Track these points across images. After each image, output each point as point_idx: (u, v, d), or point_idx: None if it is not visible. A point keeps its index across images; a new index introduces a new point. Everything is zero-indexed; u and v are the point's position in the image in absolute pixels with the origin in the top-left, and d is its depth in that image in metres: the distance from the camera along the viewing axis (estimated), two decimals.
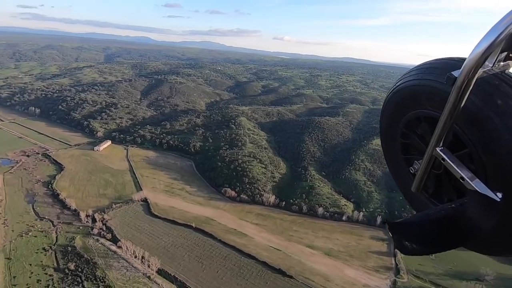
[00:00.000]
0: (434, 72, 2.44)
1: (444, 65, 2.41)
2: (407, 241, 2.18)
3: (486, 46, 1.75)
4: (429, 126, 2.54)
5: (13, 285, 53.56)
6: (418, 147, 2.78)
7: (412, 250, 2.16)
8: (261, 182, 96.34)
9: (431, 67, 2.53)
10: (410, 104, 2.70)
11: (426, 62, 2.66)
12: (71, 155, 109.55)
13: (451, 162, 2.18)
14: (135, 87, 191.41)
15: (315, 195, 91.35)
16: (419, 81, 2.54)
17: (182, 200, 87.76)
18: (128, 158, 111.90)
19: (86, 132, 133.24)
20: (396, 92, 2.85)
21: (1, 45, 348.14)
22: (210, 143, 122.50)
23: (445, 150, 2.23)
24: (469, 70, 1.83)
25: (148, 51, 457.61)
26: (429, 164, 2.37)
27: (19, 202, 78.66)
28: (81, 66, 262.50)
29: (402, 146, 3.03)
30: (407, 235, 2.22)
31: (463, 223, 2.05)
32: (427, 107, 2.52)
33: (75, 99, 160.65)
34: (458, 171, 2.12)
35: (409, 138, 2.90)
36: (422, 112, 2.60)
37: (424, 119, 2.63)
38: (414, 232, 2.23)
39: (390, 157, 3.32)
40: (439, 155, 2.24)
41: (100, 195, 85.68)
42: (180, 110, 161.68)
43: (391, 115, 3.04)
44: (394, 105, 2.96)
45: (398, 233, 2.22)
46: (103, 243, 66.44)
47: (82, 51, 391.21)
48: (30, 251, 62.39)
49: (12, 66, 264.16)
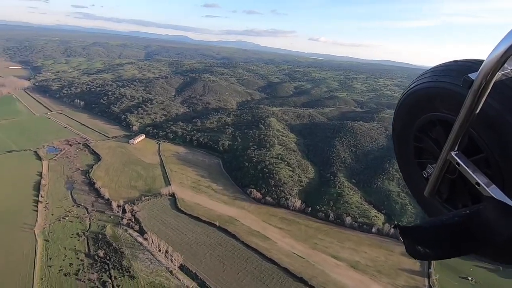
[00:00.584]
0: (450, 74, 2.40)
1: (460, 67, 2.38)
2: (420, 245, 2.14)
3: (505, 48, 1.69)
4: (444, 129, 2.49)
5: (48, 266, 57.22)
6: (432, 151, 2.71)
7: (424, 254, 2.12)
8: (288, 185, 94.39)
9: (447, 69, 2.48)
10: (424, 107, 2.65)
11: (441, 64, 2.59)
12: (108, 147, 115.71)
13: (467, 167, 2.13)
14: (170, 84, 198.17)
15: (343, 203, 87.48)
16: (434, 83, 2.50)
17: (208, 198, 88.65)
18: (159, 152, 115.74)
19: (123, 126, 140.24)
20: (410, 95, 2.78)
21: (55, 41, 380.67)
22: (238, 142, 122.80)
23: (460, 154, 2.20)
24: (487, 73, 1.79)
25: (185, 50, 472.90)
26: (443, 169, 2.35)
27: (60, 188, 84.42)
28: (123, 63, 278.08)
29: (416, 150, 2.95)
30: (419, 239, 2.18)
31: (477, 230, 1.98)
32: (442, 110, 2.48)
33: (115, 93, 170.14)
34: (474, 177, 2.07)
35: (422, 141, 2.83)
36: (436, 115, 2.55)
37: (439, 122, 2.56)
38: (427, 236, 2.19)
39: (403, 161, 3.22)
40: (453, 160, 2.21)
41: (131, 187, 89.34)
42: (211, 108, 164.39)
43: (405, 117, 2.96)
44: (408, 108, 2.88)
45: (410, 238, 2.20)
46: (131, 233, 68.95)
47: (125, 49, 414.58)
48: (66, 235, 66.50)
49: (63, 61, 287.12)
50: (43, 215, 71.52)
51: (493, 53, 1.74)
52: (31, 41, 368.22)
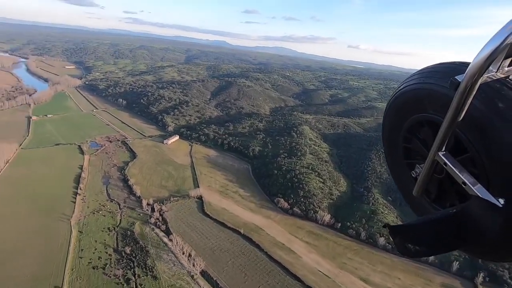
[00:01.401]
0: (437, 76, 2.47)
1: (446, 69, 2.45)
2: (410, 243, 2.23)
3: (490, 51, 1.74)
4: (431, 130, 2.57)
5: (79, 257, 59.84)
6: (420, 152, 2.78)
7: (415, 252, 2.22)
8: (317, 197, 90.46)
9: (434, 71, 2.56)
10: (413, 108, 2.73)
11: (428, 66, 2.68)
12: (144, 145, 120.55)
13: (453, 166, 2.20)
14: (206, 87, 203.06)
15: (377, 221, 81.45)
16: (422, 85, 2.58)
17: (234, 203, 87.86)
18: (191, 154, 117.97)
19: (159, 126, 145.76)
20: (399, 97, 2.87)
21: (106, 44, 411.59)
22: (269, 149, 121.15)
23: (447, 154, 2.26)
24: (473, 75, 1.84)
25: (223, 54, 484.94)
26: (430, 169, 2.41)
27: (97, 182, 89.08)
28: (164, 65, 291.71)
29: (404, 151, 3.03)
30: (409, 237, 2.27)
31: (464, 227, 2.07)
32: (430, 111, 2.55)
33: (155, 94, 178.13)
34: (460, 176, 2.14)
35: (411, 142, 2.91)
36: (424, 116, 2.63)
37: (427, 123, 2.64)
38: (416, 234, 2.28)
39: (393, 162, 3.29)
40: (441, 160, 2.27)
41: (161, 186, 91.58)
42: (244, 113, 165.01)
43: (394, 119, 3.04)
44: (396, 110, 2.97)
45: (400, 236, 2.28)
46: (157, 233, 70.11)
47: (167, 52, 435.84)
48: (98, 228, 69.45)
49: (111, 62, 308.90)
50: (80, 207, 75.58)
51: (479, 55, 1.79)
52: (86, 44, 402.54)
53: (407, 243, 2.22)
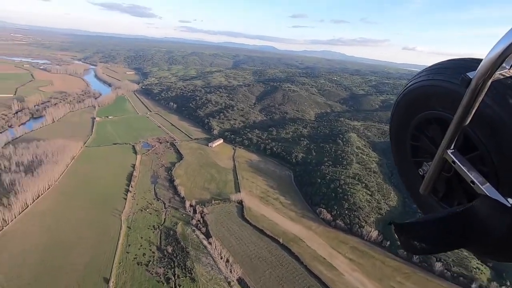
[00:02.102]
0: (447, 72, 2.43)
1: (457, 66, 2.42)
2: (415, 240, 2.23)
3: (503, 48, 1.70)
4: (440, 128, 2.54)
5: (127, 252, 63.48)
6: (428, 149, 2.76)
7: (420, 249, 2.22)
8: (363, 210, 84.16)
9: (444, 67, 2.53)
10: (421, 105, 2.70)
11: (438, 63, 2.66)
12: (190, 147, 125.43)
13: (462, 165, 2.17)
14: (252, 92, 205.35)
15: None
16: (431, 82, 2.54)
17: (274, 210, 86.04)
18: (234, 158, 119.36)
19: (205, 129, 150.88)
20: (407, 93, 2.85)
21: (162, 52, 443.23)
22: (312, 156, 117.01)
23: (456, 152, 2.24)
24: (485, 72, 1.81)
25: (270, 59, 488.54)
26: (438, 167, 2.40)
27: (146, 181, 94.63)
28: (213, 71, 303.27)
29: (412, 148, 3.02)
30: (415, 234, 2.26)
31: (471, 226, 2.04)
32: (439, 108, 2.52)
33: (203, 98, 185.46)
34: (469, 175, 2.11)
35: (419, 140, 2.90)
36: (433, 114, 2.60)
37: (435, 121, 2.62)
38: (422, 232, 2.27)
39: (400, 159, 3.28)
40: (449, 158, 2.25)
41: (204, 188, 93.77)
42: (288, 118, 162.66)
43: (402, 116, 3.01)
44: (404, 107, 2.95)
45: (406, 234, 2.28)
46: (198, 235, 71.44)
47: (216, 58, 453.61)
48: (144, 225, 73.24)
49: (166, 68, 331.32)
50: (130, 204, 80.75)
51: (492, 52, 1.76)
52: (145, 51, 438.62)
53: (412, 240, 2.21)
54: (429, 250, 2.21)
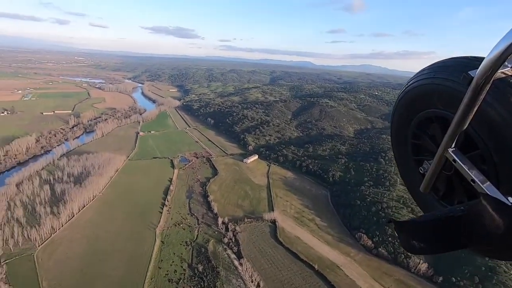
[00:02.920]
0: (448, 71, 2.43)
1: (459, 64, 2.40)
2: (415, 240, 2.21)
3: (505, 46, 1.70)
4: (441, 126, 2.54)
5: (159, 267, 63.78)
6: (429, 148, 2.76)
7: (420, 249, 2.21)
8: None
9: (445, 65, 2.51)
10: (422, 104, 2.70)
11: (440, 61, 2.63)
12: (225, 163, 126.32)
13: (463, 163, 2.17)
14: (288, 107, 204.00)
15: (497, 283, 62.30)
16: (432, 80, 2.53)
17: (309, 233, 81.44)
18: (268, 174, 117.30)
19: (241, 144, 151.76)
20: (408, 92, 2.84)
21: (203, 70, 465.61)
22: (351, 175, 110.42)
23: (456, 151, 2.24)
24: (487, 70, 1.80)
25: (307, 75, 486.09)
26: (439, 165, 2.40)
27: (182, 196, 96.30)
28: (250, 87, 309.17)
29: (413, 147, 3.02)
30: (414, 234, 2.24)
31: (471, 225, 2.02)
32: (440, 107, 2.52)
33: (239, 114, 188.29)
34: (469, 173, 2.12)
35: (420, 138, 2.89)
36: (434, 112, 2.60)
37: (436, 119, 2.61)
38: (421, 231, 2.25)
39: (401, 158, 3.29)
40: (450, 156, 2.25)
41: (237, 206, 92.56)
42: (326, 134, 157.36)
43: (403, 115, 3.02)
44: (405, 105, 2.94)
45: (405, 232, 2.27)
46: (229, 254, 69.66)
47: (253, 74, 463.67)
48: (177, 241, 73.56)
49: (205, 85, 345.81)
50: (165, 218, 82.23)
51: (494, 50, 1.75)
52: (187, 70, 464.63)
53: (412, 240, 2.20)
54: (428, 250, 2.21)
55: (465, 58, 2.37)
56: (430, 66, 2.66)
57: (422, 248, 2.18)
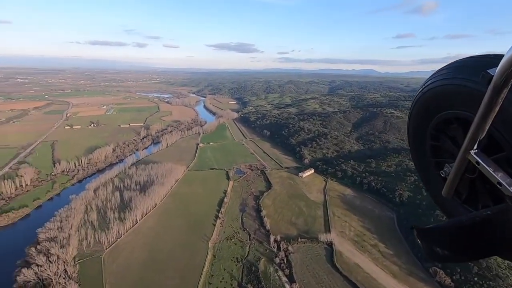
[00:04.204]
0: (467, 70, 2.35)
1: (478, 63, 2.33)
2: (439, 247, 2.13)
3: None
4: (462, 127, 2.46)
5: (209, 283, 63.28)
6: (450, 150, 2.69)
7: (444, 257, 2.12)
8: (504, 281, 61.19)
9: (464, 65, 2.44)
10: (441, 105, 2.62)
11: (458, 60, 2.56)
12: (280, 176, 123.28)
13: (487, 166, 2.08)
14: (348, 118, 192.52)
15: None
16: (451, 80, 2.46)
17: (371, 260, 72.33)
18: (325, 191, 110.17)
19: (296, 157, 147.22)
20: (426, 92, 2.75)
21: (261, 82, 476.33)
22: (422, 196, 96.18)
23: (479, 153, 2.15)
24: (507, 68, 1.74)
25: (369, 83, 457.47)
26: (461, 168, 2.33)
27: (235, 209, 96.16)
28: (307, 98, 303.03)
29: (432, 149, 2.95)
30: (438, 241, 2.17)
31: (500, 231, 1.93)
32: (459, 107, 2.44)
33: (295, 126, 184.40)
34: (495, 176, 2.01)
35: (439, 140, 2.83)
36: (454, 113, 2.51)
37: (456, 120, 2.53)
38: (446, 238, 2.17)
39: (419, 160, 3.21)
40: (473, 159, 2.17)
41: (291, 223, 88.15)
42: (391, 148, 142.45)
43: (420, 116, 2.94)
44: (423, 106, 2.85)
45: (428, 240, 2.20)
46: (280, 277, 65.61)
47: (311, 85, 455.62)
48: (229, 256, 72.59)
49: (263, 97, 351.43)
50: (218, 231, 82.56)
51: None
52: (246, 82, 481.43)
53: (436, 247, 2.11)
54: (454, 258, 2.10)
55: (485, 57, 2.29)
56: (448, 65, 2.57)
57: (446, 256, 2.07)
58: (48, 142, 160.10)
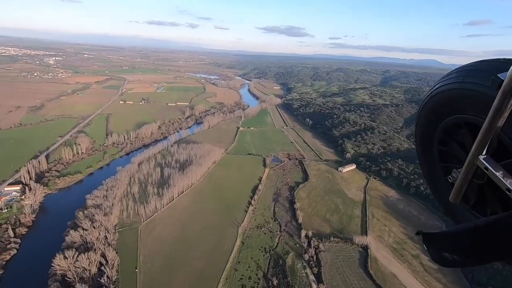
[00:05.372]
0: (477, 74, 2.34)
1: (488, 67, 2.32)
2: (447, 252, 2.15)
3: None
4: (471, 132, 2.44)
5: (235, 269, 63.39)
6: (458, 155, 2.66)
7: (452, 261, 2.14)
8: None
9: (474, 69, 2.43)
10: (450, 109, 2.60)
11: (468, 64, 2.54)
12: (318, 169, 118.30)
13: (496, 171, 2.06)
14: (400, 113, 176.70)
15: None
16: (460, 84, 2.44)
17: (411, 272, 66.04)
18: (365, 189, 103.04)
19: (338, 150, 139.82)
20: (434, 96, 2.73)
21: (308, 68, 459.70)
22: None
23: (488, 158, 2.14)
24: None
25: (429, 75, 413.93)
26: (469, 173, 2.32)
27: (268, 197, 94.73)
28: (356, 88, 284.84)
29: (440, 153, 2.91)
30: (446, 246, 2.19)
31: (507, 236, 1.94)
32: (468, 112, 2.42)
33: (340, 117, 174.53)
34: (504, 182, 2.00)
35: (447, 145, 2.80)
36: (462, 118, 2.50)
37: (465, 125, 2.51)
38: (453, 243, 2.19)
39: (427, 165, 3.17)
40: (481, 164, 2.16)
41: (324, 220, 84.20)
42: None
43: (429, 120, 2.89)
44: (431, 110, 2.82)
45: (436, 245, 2.22)
46: (308, 275, 63.17)
47: (362, 74, 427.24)
48: (257, 245, 71.89)
49: (309, 84, 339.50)
50: (248, 218, 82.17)
51: None
52: (292, 68, 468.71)
53: (443, 252, 2.14)
54: (462, 262, 2.12)
55: (496, 61, 2.28)
56: (458, 69, 2.54)
57: (454, 261, 2.10)
58: (104, 114, 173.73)
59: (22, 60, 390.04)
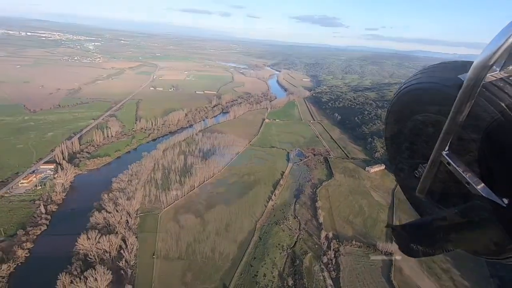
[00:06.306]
0: (439, 75, 2.51)
1: (450, 68, 2.49)
2: (414, 242, 2.31)
3: (494, 50, 1.76)
4: (435, 130, 2.58)
5: (250, 265, 62.34)
6: (424, 151, 2.81)
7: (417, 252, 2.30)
8: None
9: (437, 70, 2.61)
10: (415, 108, 2.77)
11: (432, 65, 2.74)
12: (344, 167, 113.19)
13: (457, 166, 2.22)
14: None
15: None
16: (424, 85, 2.62)
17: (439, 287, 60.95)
18: (394, 192, 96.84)
19: (366, 149, 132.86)
20: (401, 96, 2.93)
21: (341, 60, 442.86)
22: None
23: (450, 154, 2.28)
24: (476, 74, 1.87)
25: None
26: (433, 168, 2.46)
27: (289, 193, 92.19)
28: (391, 83, 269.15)
29: (407, 150, 3.09)
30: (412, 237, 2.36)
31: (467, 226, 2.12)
32: (432, 111, 2.58)
33: (371, 113, 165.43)
34: (464, 176, 2.16)
35: (414, 142, 2.97)
36: (428, 116, 2.66)
37: (430, 123, 2.68)
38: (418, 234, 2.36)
39: (395, 161, 3.34)
40: (444, 159, 2.30)
41: (347, 221, 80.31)
42: None
43: (396, 118, 3.09)
44: (399, 109, 3.02)
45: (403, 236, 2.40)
46: (325, 278, 60.52)
47: (399, 68, 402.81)
48: (274, 242, 70.16)
49: (340, 77, 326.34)
50: (268, 213, 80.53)
51: (483, 54, 1.82)
52: (324, 59, 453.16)
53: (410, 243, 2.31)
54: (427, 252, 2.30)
55: (457, 63, 2.44)
56: (423, 70, 2.72)
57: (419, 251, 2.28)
58: (134, 100, 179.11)
59: (64, 45, 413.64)
